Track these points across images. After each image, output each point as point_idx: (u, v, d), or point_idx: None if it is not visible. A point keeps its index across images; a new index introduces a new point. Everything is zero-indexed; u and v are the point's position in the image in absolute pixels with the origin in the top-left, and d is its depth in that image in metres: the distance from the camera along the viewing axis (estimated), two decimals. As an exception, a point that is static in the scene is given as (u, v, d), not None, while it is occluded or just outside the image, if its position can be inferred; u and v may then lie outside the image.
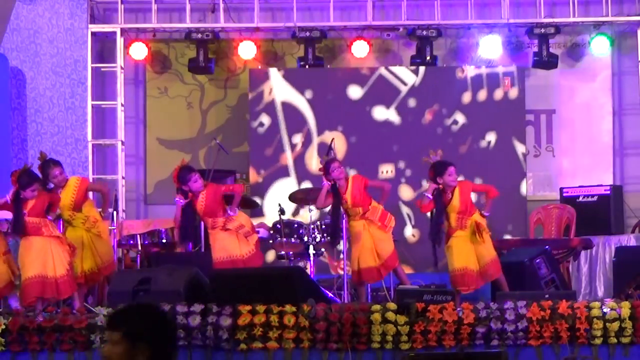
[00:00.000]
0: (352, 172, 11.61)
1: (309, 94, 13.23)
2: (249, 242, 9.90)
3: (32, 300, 9.08)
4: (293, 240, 11.15)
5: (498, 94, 13.14)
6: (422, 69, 13.23)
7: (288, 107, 13.22)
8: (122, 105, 13.32)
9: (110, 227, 10.90)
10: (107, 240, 10.08)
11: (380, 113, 13.23)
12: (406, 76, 13.27)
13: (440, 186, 9.65)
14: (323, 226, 10.98)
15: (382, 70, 13.28)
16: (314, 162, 12.99)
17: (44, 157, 9.76)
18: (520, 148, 13.12)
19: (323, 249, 11.31)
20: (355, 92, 13.26)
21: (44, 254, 9.13)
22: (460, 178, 10.10)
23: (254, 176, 13.12)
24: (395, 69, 13.28)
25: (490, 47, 13.14)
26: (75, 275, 9.44)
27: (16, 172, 9.28)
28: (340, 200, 10.14)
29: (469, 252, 9.60)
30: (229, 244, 9.86)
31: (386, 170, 12.97)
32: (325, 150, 11.17)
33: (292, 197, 11.81)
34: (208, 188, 9.93)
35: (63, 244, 9.27)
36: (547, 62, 13.21)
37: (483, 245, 9.60)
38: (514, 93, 13.14)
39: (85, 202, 10.02)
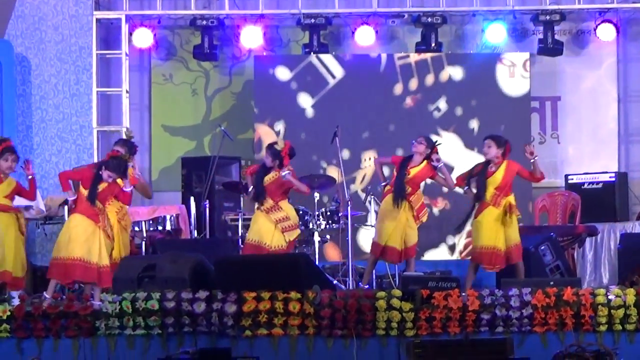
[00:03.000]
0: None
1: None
2: (285, 237, 9.88)
3: (70, 281, 9.14)
4: (298, 226, 11.14)
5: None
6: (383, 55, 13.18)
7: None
8: (127, 92, 13.31)
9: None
10: (129, 233, 10.06)
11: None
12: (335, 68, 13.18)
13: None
14: (328, 213, 10.98)
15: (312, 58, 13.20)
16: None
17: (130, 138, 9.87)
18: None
19: (328, 236, 11.30)
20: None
21: (93, 240, 9.05)
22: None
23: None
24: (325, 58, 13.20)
25: (495, 34, 13.11)
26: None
27: (110, 154, 9.38)
28: (405, 170, 10.16)
29: (498, 232, 9.62)
30: (265, 231, 9.85)
31: (368, 158, 12.92)
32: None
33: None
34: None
35: (109, 238, 9.22)
36: (553, 49, 13.18)
37: (512, 228, 9.63)
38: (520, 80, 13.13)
39: None
